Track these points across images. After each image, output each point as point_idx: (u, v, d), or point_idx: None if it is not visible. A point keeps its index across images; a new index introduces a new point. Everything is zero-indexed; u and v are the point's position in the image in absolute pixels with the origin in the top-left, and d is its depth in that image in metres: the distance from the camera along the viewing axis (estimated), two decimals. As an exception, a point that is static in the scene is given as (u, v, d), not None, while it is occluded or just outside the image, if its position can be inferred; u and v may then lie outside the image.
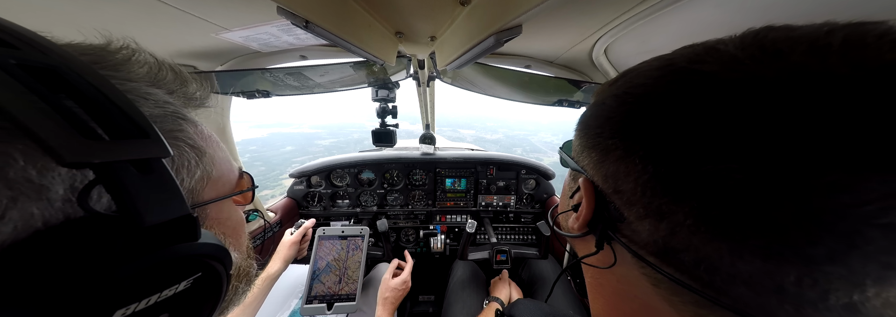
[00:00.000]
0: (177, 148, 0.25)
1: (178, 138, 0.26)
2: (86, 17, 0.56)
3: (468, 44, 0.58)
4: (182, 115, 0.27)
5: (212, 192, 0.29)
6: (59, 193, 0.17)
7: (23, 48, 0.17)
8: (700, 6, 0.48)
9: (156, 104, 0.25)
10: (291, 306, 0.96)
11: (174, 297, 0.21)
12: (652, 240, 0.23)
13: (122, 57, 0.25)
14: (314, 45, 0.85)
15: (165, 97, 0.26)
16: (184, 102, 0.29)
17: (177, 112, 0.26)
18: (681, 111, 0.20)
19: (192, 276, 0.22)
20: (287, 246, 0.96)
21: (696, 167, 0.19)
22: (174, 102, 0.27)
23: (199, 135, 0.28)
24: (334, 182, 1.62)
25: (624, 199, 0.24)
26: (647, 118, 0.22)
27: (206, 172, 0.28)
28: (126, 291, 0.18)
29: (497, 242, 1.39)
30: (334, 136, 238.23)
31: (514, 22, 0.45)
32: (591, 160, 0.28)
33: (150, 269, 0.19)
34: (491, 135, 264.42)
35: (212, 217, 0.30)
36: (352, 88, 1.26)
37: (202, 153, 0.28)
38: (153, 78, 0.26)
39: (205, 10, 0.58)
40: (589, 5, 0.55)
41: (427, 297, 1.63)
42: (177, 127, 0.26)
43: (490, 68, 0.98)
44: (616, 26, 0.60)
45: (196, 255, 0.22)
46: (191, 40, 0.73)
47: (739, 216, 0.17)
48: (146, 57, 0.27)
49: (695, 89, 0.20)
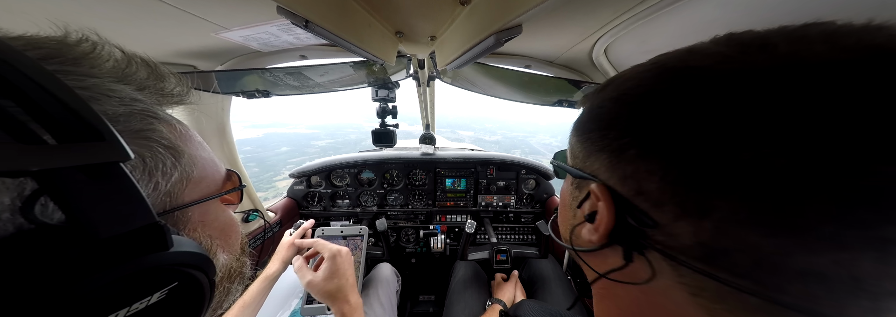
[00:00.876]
0: (149, 149, 0.24)
1: (150, 138, 0.24)
2: (86, 17, 0.56)
3: (468, 43, 0.58)
4: (153, 112, 0.25)
5: (194, 193, 0.28)
6: (6, 203, 0.16)
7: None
8: (700, 6, 0.48)
9: (121, 102, 0.23)
10: (292, 306, 0.96)
11: (148, 309, 0.20)
12: (694, 242, 0.20)
13: (82, 50, 0.23)
14: (314, 45, 0.85)
15: (133, 94, 0.24)
16: (157, 99, 0.27)
17: (147, 110, 0.24)
18: (695, 104, 0.20)
19: (165, 286, 0.21)
20: (285, 247, 0.96)
21: (734, 156, 0.18)
22: (144, 100, 0.25)
23: (175, 134, 0.27)
24: (334, 182, 1.62)
25: (650, 200, 0.22)
26: (659, 114, 0.22)
27: (186, 174, 0.27)
28: (86, 307, 0.17)
29: (497, 242, 1.39)
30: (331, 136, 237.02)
31: (514, 22, 0.45)
32: (601, 164, 0.26)
33: (111, 283, 0.18)
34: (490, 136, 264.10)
35: (195, 220, 0.28)
36: (352, 87, 1.26)
37: (180, 153, 0.26)
38: (120, 73, 0.24)
39: (204, 10, 0.58)
40: (589, 5, 0.55)
41: (427, 297, 1.64)
42: (147, 126, 0.24)
43: (490, 68, 0.98)
44: (616, 26, 0.60)
45: (168, 265, 0.21)
46: (190, 40, 0.73)
47: (799, 203, 0.16)
48: (111, 50, 0.25)
49: (699, 82, 0.20)
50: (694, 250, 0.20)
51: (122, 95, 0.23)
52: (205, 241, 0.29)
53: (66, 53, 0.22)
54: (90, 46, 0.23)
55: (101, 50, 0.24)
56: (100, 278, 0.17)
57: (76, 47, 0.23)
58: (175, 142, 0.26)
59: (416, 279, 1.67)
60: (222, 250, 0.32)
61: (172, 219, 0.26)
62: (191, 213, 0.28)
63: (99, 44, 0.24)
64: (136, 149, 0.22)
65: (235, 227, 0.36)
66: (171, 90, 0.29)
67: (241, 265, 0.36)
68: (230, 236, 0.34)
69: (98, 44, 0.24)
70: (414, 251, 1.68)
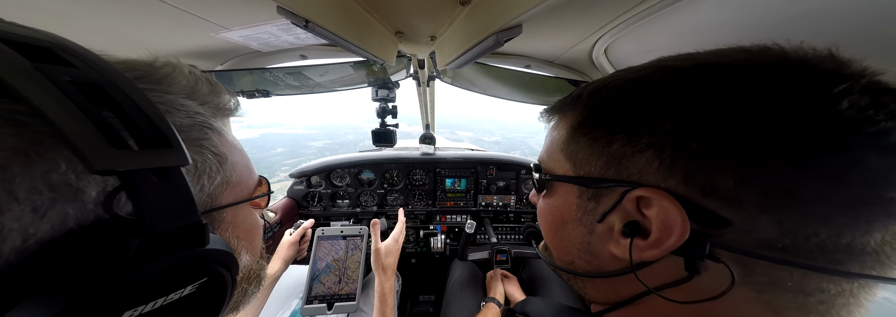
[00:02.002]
0: (201, 155, 0.27)
1: (203, 146, 0.27)
2: (86, 17, 0.56)
3: (468, 44, 0.58)
4: (209, 124, 0.29)
5: (230, 196, 0.31)
6: (93, 196, 0.19)
7: (81, 67, 0.19)
8: (700, 6, 0.48)
9: (187, 115, 0.27)
10: (292, 307, 0.96)
11: (180, 301, 0.22)
12: (779, 233, 0.19)
13: (165, 72, 0.27)
14: (314, 45, 0.85)
15: (197, 108, 0.28)
16: (214, 111, 0.31)
17: (205, 122, 0.28)
18: (759, 87, 0.20)
19: (197, 280, 0.22)
20: (286, 246, 0.96)
21: (812, 139, 0.18)
22: (204, 113, 0.29)
23: (223, 142, 0.30)
24: (334, 182, 1.62)
25: (723, 198, 0.20)
26: (727, 101, 0.21)
27: (226, 178, 0.30)
28: (134, 293, 0.19)
29: (497, 242, 1.39)
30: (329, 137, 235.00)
31: (514, 22, 0.45)
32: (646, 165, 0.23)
33: (158, 273, 0.20)
34: (489, 137, 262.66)
35: (227, 221, 0.31)
36: (352, 87, 1.26)
37: (224, 160, 0.29)
38: (190, 90, 0.28)
39: (204, 10, 0.58)
40: (589, 5, 0.55)
41: (427, 297, 1.63)
42: (203, 136, 0.27)
43: (490, 68, 0.98)
44: (616, 26, 0.60)
45: (202, 260, 0.23)
46: (190, 40, 0.73)
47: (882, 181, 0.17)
48: (184, 70, 0.29)
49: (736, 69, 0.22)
50: (776, 242, 0.19)
51: (188, 109, 0.27)
52: (232, 241, 0.31)
53: (152, 74, 0.26)
54: (170, 69, 0.28)
55: (177, 71, 0.28)
56: (151, 267, 0.19)
57: (160, 70, 0.27)
58: (221, 149, 0.29)
59: (416, 279, 1.67)
60: (246, 250, 0.34)
61: (210, 218, 0.29)
62: (225, 214, 0.30)
63: (177, 67, 0.29)
64: (192, 155, 0.25)
65: (259, 230, 0.39)
66: (226, 104, 0.33)
67: (259, 268, 0.37)
68: (254, 239, 0.36)
69: (176, 67, 0.29)
70: (414, 251, 1.68)
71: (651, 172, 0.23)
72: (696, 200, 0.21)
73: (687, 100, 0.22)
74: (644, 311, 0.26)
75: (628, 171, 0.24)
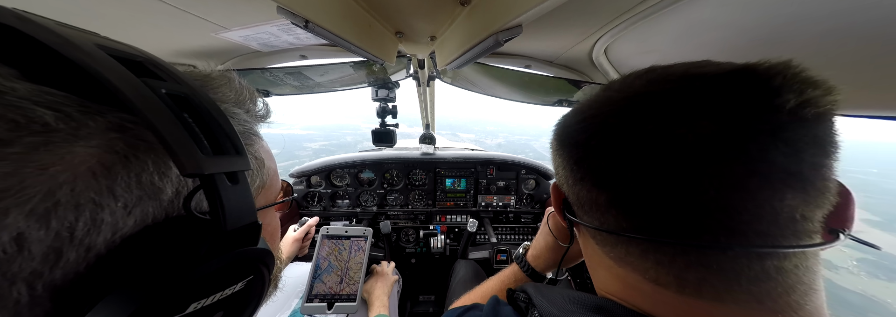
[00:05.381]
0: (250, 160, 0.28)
1: (249, 152, 0.28)
2: (87, 17, 0.56)
3: (468, 44, 0.58)
4: (255, 131, 0.31)
5: (262, 200, 0.32)
6: (169, 194, 0.21)
7: (168, 80, 0.21)
8: (700, 6, 0.48)
9: (238, 122, 0.28)
10: (292, 306, 0.96)
11: (231, 296, 0.23)
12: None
13: (219, 82, 0.29)
14: (314, 45, 0.85)
15: (245, 116, 0.30)
16: (254, 119, 0.33)
17: (251, 129, 0.30)
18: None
19: (246, 277, 0.24)
20: (289, 243, 0.96)
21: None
22: (250, 120, 0.31)
23: (262, 148, 0.32)
24: (334, 182, 1.62)
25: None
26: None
27: (263, 182, 0.31)
28: (202, 287, 0.20)
29: (497, 242, 1.39)
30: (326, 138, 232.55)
31: (514, 22, 0.45)
32: None
33: (222, 268, 0.21)
34: (492, 139, 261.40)
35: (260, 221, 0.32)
36: (352, 87, 1.26)
37: (262, 164, 0.31)
38: (236, 99, 0.30)
39: (204, 10, 0.58)
40: (589, 5, 0.55)
41: (427, 297, 1.63)
42: (250, 142, 0.29)
43: (490, 68, 0.98)
44: (616, 26, 0.60)
45: (253, 259, 0.24)
46: (190, 40, 0.73)
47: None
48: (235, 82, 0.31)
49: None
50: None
51: (239, 117, 0.29)
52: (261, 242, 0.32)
53: (209, 84, 0.28)
54: (224, 79, 0.29)
55: (230, 82, 0.30)
56: (218, 262, 0.21)
57: (216, 80, 0.29)
58: (261, 155, 0.31)
59: (416, 279, 1.67)
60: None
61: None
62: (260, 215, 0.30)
63: (230, 78, 0.30)
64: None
65: (279, 233, 0.40)
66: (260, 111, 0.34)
67: (278, 270, 0.38)
68: (276, 241, 0.38)
69: (230, 78, 0.30)
70: (414, 251, 1.68)
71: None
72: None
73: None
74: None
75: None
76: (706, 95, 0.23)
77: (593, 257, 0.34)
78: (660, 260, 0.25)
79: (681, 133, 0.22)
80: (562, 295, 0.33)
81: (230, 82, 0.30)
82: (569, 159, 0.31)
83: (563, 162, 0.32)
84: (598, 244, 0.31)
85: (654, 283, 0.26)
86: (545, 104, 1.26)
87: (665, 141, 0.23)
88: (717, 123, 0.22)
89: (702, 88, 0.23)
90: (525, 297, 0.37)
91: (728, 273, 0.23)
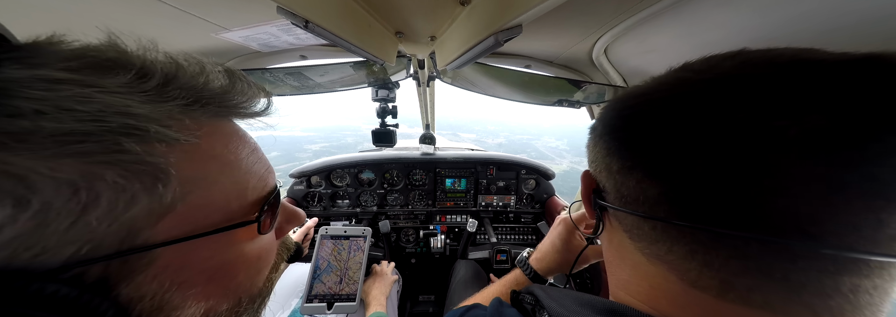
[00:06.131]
0: (98, 178, 0.18)
1: (112, 163, 0.19)
2: (87, 17, 0.56)
3: (468, 44, 0.58)
4: (139, 129, 0.20)
5: (174, 229, 0.22)
6: None
7: None
8: (700, 6, 0.48)
9: (87, 116, 0.18)
10: (292, 306, 0.96)
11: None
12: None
13: (112, 57, 0.21)
14: (314, 45, 0.85)
15: (130, 108, 0.20)
16: (184, 110, 0.24)
17: (132, 127, 0.20)
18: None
19: None
20: None
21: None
22: (147, 114, 0.21)
23: (178, 155, 0.22)
24: (334, 182, 1.62)
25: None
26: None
27: (164, 202, 0.21)
28: None
29: (497, 241, 1.39)
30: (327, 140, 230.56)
31: (514, 22, 0.45)
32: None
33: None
34: (492, 139, 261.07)
35: (161, 263, 0.22)
36: (352, 87, 1.26)
37: (159, 179, 0.21)
38: (154, 84, 0.22)
39: (204, 10, 0.58)
40: (589, 5, 0.55)
41: (427, 297, 1.63)
42: (113, 148, 0.19)
43: (490, 68, 0.98)
44: (616, 26, 0.60)
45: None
46: (190, 40, 0.73)
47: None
48: (154, 57, 0.24)
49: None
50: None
51: (94, 107, 0.19)
52: (159, 293, 0.22)
53: (96, 62, 0.21)
54: (118, 54, 0.22)
55: (133, 58, 0.22)
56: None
57: (108, 54, 0.21)
58: (162, 165, 0.21)
59: (416, 279, 1.67)
60: (203, 298, 0.25)
61: (120, 264, 0.20)
62: (158, 254, 0.21)
63: (132, 53, 0.23)
64: (70, 178, 0.18)
65: (252, 262, 0.30)
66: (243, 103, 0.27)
67: (238, 313, 0.29)
68: (234, 277, 0.28)
69: (131, 53, 0.23)
70: (414, 251, 1.68)
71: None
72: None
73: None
74: None
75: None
76: (821, 86, 0.20)
77: (619, 252, 0.31)
78: (709, 262, 0.23)
79: (781, 125, 0.19)
80: (570, 297, 0.32)
81: (125, 57, 0.22)
82: (618, 146, 0.28)
83: (608, 148, 0.29)
84: (632, 239, 0.29)
85: (691, 285, 0.24)
86: (545, 104, 1.25)
87: (757, 133, 0.20)
88: (832, 118, 0.19)
89: (816, 77, 0.20)
90: (531, 298, 0.36)
91: (792, 284, 0.21)
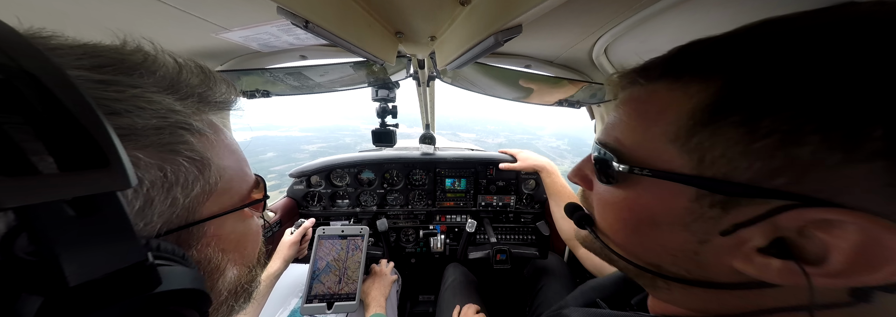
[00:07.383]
0: (172, 163, 0.23)
1: (177, 151, 0.23)
2: (87, 17, 0.56)
3: (468, 44, 0.58)
4: (186, 124, 0.24)
5: (214, 206, 0.27)
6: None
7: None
8: (700, 6, 0.48)
9: (155, 114, 0.22)
10: (291, 305, 0.96)
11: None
12: None
13: (135, 60, 0.23)
14: (314, 45, 0.85)
15: (173, 105, 0.24)
16: (201, 106, 0.28)
17: (181, 122, 0.24)
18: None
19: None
20: (287, 246, 0.96)
21: None
22: (183, 109, 0.24)
23: (206, 144, 0.26)
24: (334, 182, 1.62)
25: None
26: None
27: (208, 186, 0.26)
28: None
29: (497, 241, 1.39)
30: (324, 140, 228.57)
31: (514, 22, 0.45)
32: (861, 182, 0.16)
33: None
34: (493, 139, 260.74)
35: (210, 234, 0.27)
36: (352, 87, 1.26)
37: (206, 166, 0.25)
38: (170, 82, 0.24)
39: (204, 10, 0.58)
40: (589, 5, 0.55)
41: (427, 297, 1.64)
42: (177, 139, 0.23)
43: (490, 68, 0.98)
44: (616, 26, 0.60)
45: (153, 306, 0.18)
46: (190, 40, 0.73)
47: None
48: (164, 59, 0.25)
49: None
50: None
51: (158, 106, 0.22)
52: (215, 257, 0.28)
53: (120, 63, 0.22)
54: (142, 56, 0.24)
55: (151, 59, 0.24)
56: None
57: (130, 56, 0.23)
58: (204, 153, 0.25)
59: (416, 279, 1.67)
60: (233, 264, 0.31)
61: (187, 234, 0.25)
62: (207, 227, 0.27)
63: (150, 54, 0.24)
64: (158, 163, 0.21)
65: (254, 237, 0.35)
66: (220, 97, 0.29)
67: (250, 280, 0.34)
68: (245, 248, 0.33)
69: (150, 54, 0.24)
70: (414, 251, 1.68)
71: (862, 191, 0.16)
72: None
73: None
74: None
75: (816, 184, 0.17)
76: None
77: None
78: None
79: None
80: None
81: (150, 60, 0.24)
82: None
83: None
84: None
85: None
86: (545, 104, 1.26)
87: None
88: None
89: None
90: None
91: None
